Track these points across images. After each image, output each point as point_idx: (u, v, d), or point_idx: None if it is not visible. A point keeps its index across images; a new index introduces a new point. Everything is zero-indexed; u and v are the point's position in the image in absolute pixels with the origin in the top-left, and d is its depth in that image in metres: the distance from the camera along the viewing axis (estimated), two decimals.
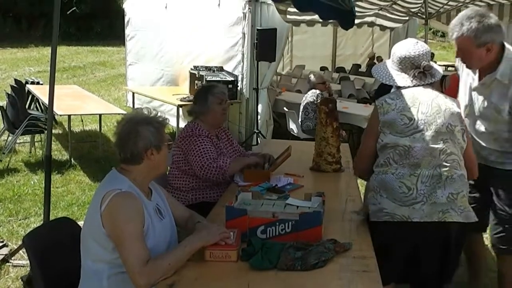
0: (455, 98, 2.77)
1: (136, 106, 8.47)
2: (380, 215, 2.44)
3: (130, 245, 1.97)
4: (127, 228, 1.99)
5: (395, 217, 2.41)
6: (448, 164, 2.43)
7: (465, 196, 2.47)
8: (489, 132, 2.79)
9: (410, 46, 2.54)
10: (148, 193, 2.24)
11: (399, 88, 2.53)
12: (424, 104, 2.45)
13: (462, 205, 2.45)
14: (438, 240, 2.48)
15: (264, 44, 6.44)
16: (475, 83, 2.81)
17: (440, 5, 7.54)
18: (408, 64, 2.53)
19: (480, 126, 2.81)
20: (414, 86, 2.51)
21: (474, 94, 2.83)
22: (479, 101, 2.79)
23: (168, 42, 8.47)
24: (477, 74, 2.80)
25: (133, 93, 8.55)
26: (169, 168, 3.40)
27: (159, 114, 2.28)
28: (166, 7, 8.31)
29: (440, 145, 2.42)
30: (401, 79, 2.54)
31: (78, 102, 7.50)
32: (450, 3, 7.53)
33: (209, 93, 3.39)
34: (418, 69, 2.51)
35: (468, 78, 2.89)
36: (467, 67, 2.81)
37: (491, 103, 2.71)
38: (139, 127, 2.14)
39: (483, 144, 2.82)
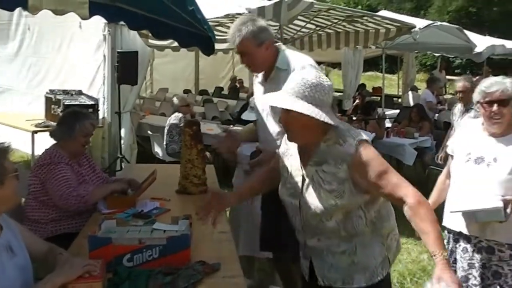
0: None
1: None
2: None
3: None
4: None
5: None
6: None
7: None
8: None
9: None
10: None
11: None
12: None
13: None
14: None
15: (125, 67, 6.32)
16: (264, 85, 3.00)
17: (294, 32, 8.13)
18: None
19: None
20: None
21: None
22: None
23: (32, 66, 7.99)
24: (261, 78, 3.03)
25: None
26: (24, 199, 3.17)
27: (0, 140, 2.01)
28: (29, 28, 7.83)
29: None
30: None
31: None
32: (303, 30, 8.20)
33: (77, 121, 3.24)
34: None
35: (259, 90, 3.08)
36: (252, 71, 3.05)
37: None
38: None
39: None
